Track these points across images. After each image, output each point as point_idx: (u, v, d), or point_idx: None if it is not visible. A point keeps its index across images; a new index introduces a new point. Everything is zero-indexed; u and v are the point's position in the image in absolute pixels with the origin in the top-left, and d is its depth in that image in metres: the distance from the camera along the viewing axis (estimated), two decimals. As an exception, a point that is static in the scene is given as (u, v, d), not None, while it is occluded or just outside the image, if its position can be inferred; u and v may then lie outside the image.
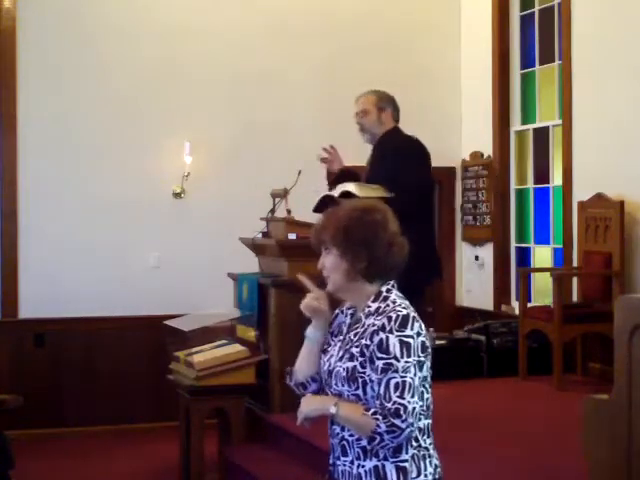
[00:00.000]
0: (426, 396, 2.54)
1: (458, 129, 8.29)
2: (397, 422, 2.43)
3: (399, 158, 5.12)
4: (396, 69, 7.86)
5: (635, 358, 3.00)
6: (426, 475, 2.55)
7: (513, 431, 5.27)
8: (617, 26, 6.72)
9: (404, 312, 2.52)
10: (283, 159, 7.53)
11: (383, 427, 2.43)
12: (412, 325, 2.50)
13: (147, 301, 7.39)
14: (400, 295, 2.62)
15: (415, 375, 2.46)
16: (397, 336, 2.47)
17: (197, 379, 5.45)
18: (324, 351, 2.69)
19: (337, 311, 2.75)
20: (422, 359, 2.50)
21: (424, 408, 2.54)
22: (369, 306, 2.59)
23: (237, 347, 5.66)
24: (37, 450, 6.66)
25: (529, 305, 6.87)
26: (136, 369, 7.28)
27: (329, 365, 2.62)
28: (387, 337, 2.48)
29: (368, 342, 2.51)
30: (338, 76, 7.92)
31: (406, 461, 2.52)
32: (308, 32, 7.92)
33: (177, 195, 7.61)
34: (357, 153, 5.49)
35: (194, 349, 5.71)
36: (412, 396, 2.45)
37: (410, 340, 2.48)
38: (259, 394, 5.72)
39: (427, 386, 2.55)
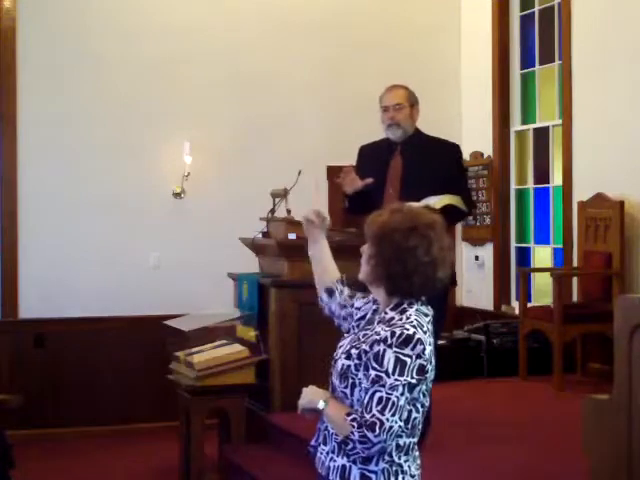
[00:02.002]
0: (414, 415, 2.51)
1: (458, 129, 8.28)
2: (369, 435, 2.42)
3: (458, 169, 5.09)
4: (396, 69, 7.85)
5: (635, 358, 3.00)
6: None
7: (513, 431, 5.26)
8: (617, 26, 6.72)
9: (410, 331, 2.47)
10: (283, 159, 7.53)
11: (356, 435, 2.44)
12: (414, 346, 2.46)
13: (147, 301, 7.39)
14: (422, 311, 2.57)
15: (402, 395, 2.44)
16: (395, 352, 2.45)
17: (197, 379, 5.45)
18: (342, 339, 2.70)
19: (370, 300, 2.73)
20: (414, 382, 2.46)
21: (408, 427, 2.51)
22: (386, 313, 2.57)
23: (237, 347, 5.66)
24: (37, 450, 6.66)
25: (529, 305, 6.86)
26: (136, 369, 7.28)
27: (336, 355, 2.64)
28: (384, 350, 2.45)
29: (367, 348, 2.51)
30: (338, 76, 7.93)
31: (374, 472, 2.52)
32: (308, 32, 7.92)
33: (177, 195, 7.61)
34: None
35: (194, 349, 5.71)
36: (392, 415, 2.42)
37: (407, 359, 2.44)
38: (259, 394, 5.72)
39: (418, 406, 2.52)
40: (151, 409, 7.19)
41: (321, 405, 2.54)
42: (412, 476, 2.59)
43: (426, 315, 2.57)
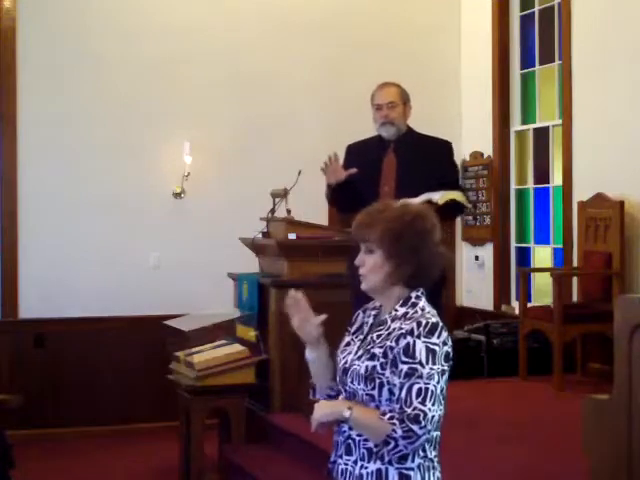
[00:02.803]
0: (439, 412, 2.48)
1: (458, 129, 8.28)
2: (415, 428, 2.39)
3: (451, 165, 5.11)
4: (396, 69, 7.83)
5: (635, 358, 3.00)
6: None
7: (513, 431, 5.26)
8: (617, 26, 6.72)
9: (433, 320, 2.49)
10: (283, 159, 7.53)
11: (399, 432, 2.40)
12: (440, 334, 2.47)
13: (147, 301, 7.39)
14: (428, 304, 2.59)
15: (438, 383, 2.43)
16: (424, 342, 2.44)
17: (197, 379, 5.45)
18: (342, 350, 2.66)
19: (359, 311, 2.72)
20: (445, 368, 2.47)
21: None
22: (396, 310, 2.56)
23: (237, 347, 5.66)
24: (37, 450, 6.66)
25: (529, 305, 6.86)
26: (136, 369, 7.28)
27: (345, 362, 2.60)
28: (414, 342, 2.44)
29: (393, 344, 2.47)
30: (338, 76, 7.93)
31: (411, 469, 2.49)
32: (308, 32, 7.92)
33: (177, 195, 7.61)
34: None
35: (194, 349, 5.71)
36: (433, 404, 2.42)
37: (436, 348, 2.45)
38: (259, 394, 5.72)
39: (441, 399, 2.50)
40: (151, 409, 7.19)
41: (347, 413, 2.47)
42: (440, 472, 2.58)
43: (432, 307, 2.59)
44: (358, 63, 7.93)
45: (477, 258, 8.22)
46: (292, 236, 5.77)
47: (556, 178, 7.49)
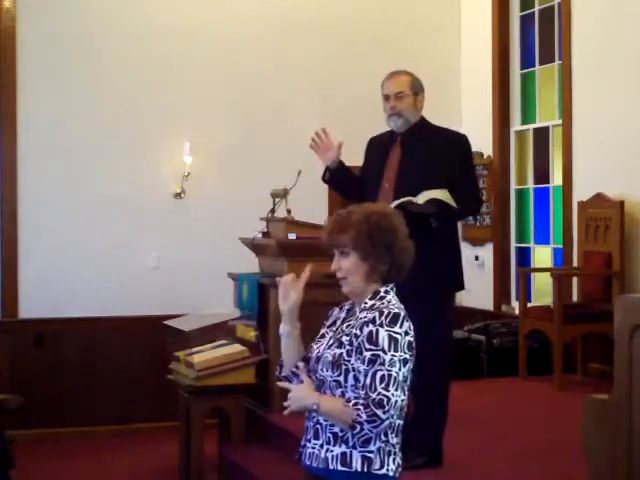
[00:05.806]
0: (402, 397, 2.60)
1: (458, 129, 8.24)
2: (379, 412, 2.51)
3: (464, 164, 4.58)
4: (396, 69, 7.83)
5: (635, 358, 3.00)
6: (388, 470, 2.62)
7: (513, 431, 5.27)
8: (617, 26, 6.72)
9: (396, 310, 2.63)
10: (283, 159, 7.53)
11: (364, 416, 2.52)
12: (402, 323, 2.60)
13: (147, 301, 7.39)
14: (396, 298, 2.71)
15: (399, 370, 2.56)
16: (387, 330, 2.57)
17: (197, 379, 5.45)
18: (316, 341, 2.79)
19: (334, 308, 2.86)
20: (407, 357, 2.59)
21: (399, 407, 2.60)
22: (365, 303, 2.69)
23: (237, 347, 5.66)
24: (37, 450, 6.66)
25: (529, 305, 6.87)
26: (136, 369, 7.28)
27: (317, 352, 2.73)
28: (377, 330, 2.57)
29: (358, 332, 2.61)
30: (338, 76, 7.93)
31: (372, 452, 2.60)
32: (308, 32, 7.93)
33: (177, 195, 7.61)
34: (360, 153, 4.99)
35: (194, 349, 5.71)
36: (396, 389, 2.54)
37: (398, 336, 2.58)
38: (259, 394, 5.72)
39: (405, 387, 2.61)
40: (151, 409, 7.19)
41: (314, 406, 2.60)
42: (401, 459, 2.68)
43: (399, 302, 2.71)
44: (358, 63, 7.93)
45: (477, 258, 8.21)
46: (292, 236, 5.77)
47: (556, 178, 7.50)
